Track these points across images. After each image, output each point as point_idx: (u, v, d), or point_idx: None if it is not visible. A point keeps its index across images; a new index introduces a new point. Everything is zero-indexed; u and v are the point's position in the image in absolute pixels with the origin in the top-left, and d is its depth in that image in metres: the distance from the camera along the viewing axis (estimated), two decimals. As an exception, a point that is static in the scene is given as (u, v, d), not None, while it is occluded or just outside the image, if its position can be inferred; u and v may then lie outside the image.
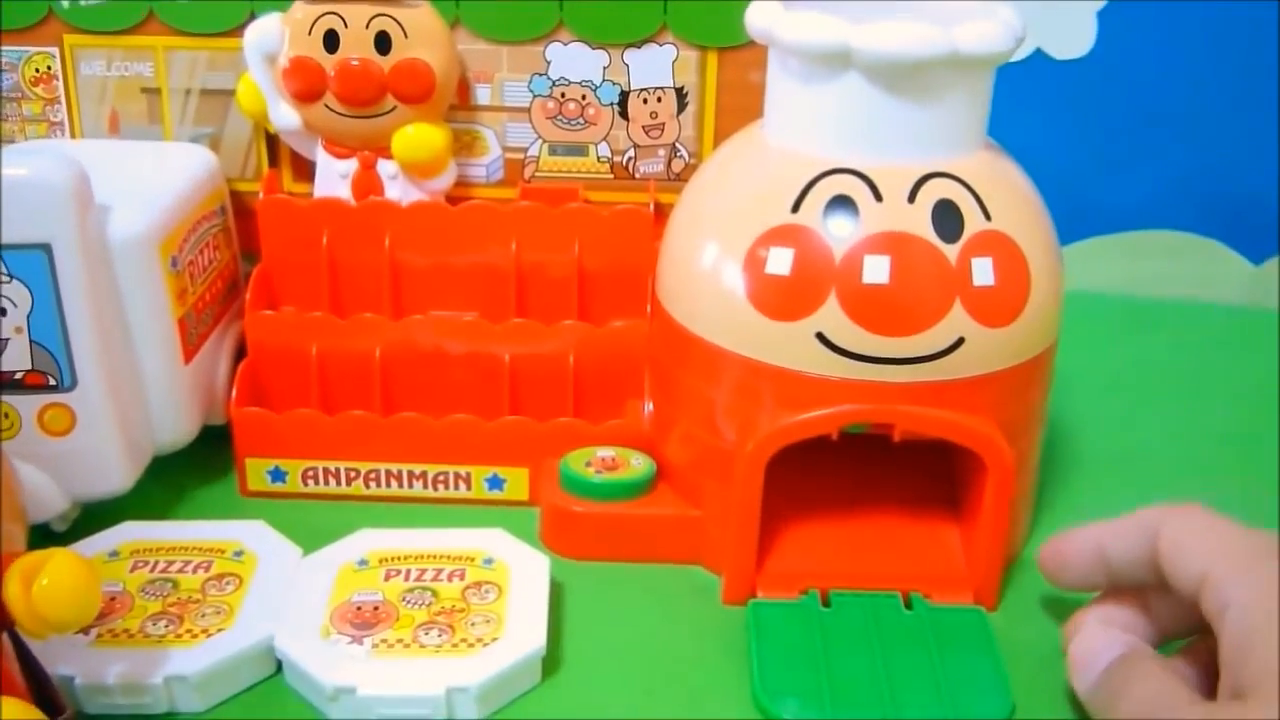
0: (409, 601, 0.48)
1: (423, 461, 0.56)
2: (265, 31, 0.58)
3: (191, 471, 0.58)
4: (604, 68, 0.61)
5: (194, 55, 0.61)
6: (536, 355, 0.57)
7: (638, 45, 0.60)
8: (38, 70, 0.62)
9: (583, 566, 0.53)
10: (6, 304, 0.48)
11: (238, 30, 0.59)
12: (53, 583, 0.37)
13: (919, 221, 0.46)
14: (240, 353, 0.59)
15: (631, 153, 0.62)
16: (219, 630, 0.46)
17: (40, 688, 0.39)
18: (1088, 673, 0.43)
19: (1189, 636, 0.44)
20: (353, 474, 0.57)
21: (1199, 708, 0.39)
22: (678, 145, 0.62)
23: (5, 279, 0.48)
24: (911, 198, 0.46)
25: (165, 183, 0.55)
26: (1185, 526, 0.42)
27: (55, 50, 0.61)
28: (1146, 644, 0.44)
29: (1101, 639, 0.44)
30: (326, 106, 0.58)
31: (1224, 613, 0.39)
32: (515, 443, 0.56)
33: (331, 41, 0.57)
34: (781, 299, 0.47)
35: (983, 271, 0.46)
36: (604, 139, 0.62)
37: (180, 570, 0.49)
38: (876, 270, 0.46)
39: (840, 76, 0.46)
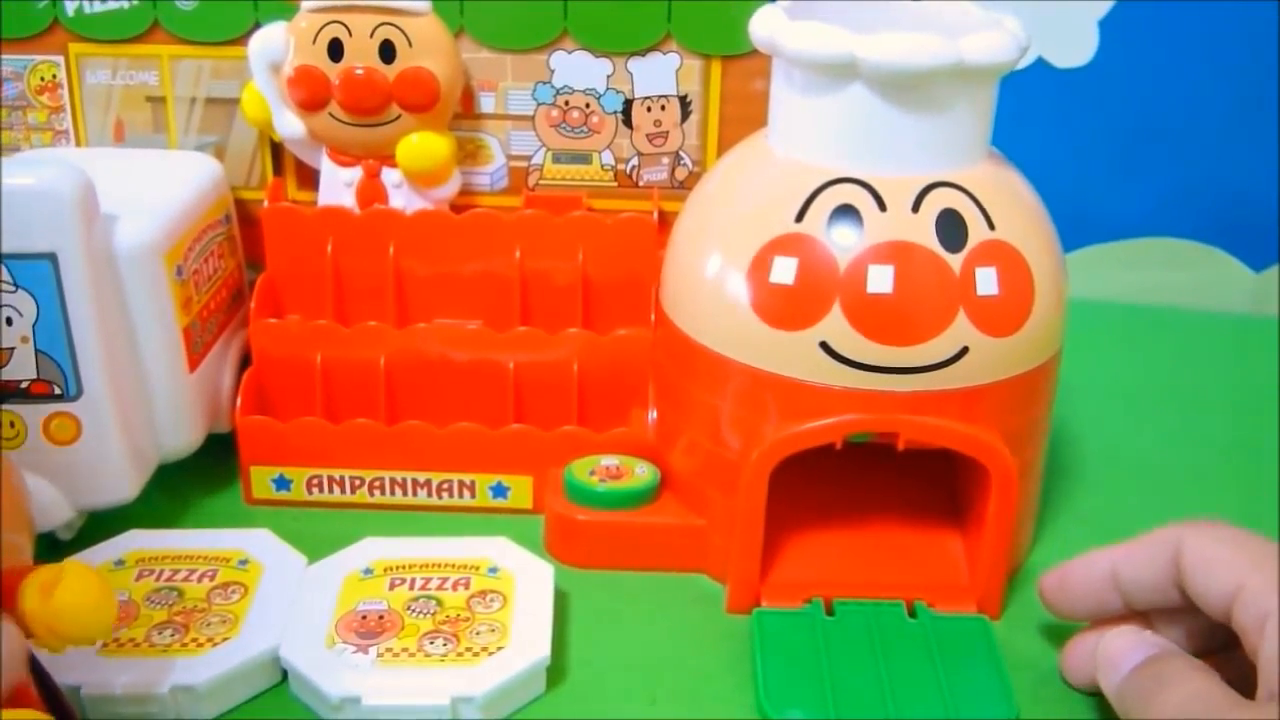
0: (414, 610, 0.48)
1: (427, 470, 0.56)
2: (270, 40, 0.58)
3: (196, 480, 0.58)
4: (608, 76, 0.61)
5: (199, 64, 0.61)
6: (541, 363, 0.57)
7: (642, 54, 0.60)
8: (43, 79, 0.62)
9: (587, 575, 0.53)
10: (12, 313, 0.48)
11: (242, 39, 0.59)
12: (71, 597, 0.37)
13: (923, 231, 0.46)
14: (245, 361, 0.59)
15: (635, 161, 0.62)
16: (224, 639, 0.46)
17: (51, 698, 0.39)
18: (1117, 671, 0.42)
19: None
20: (357, 482, 0.57)
21: (1244, 709, 0.38)
22: (681, 154, 0.62)
23: (10, 288, 0.48)
24: (915, 207, 0.47)
25: (170, 192, 0.55)
26: (1210, 540, 0.42)
27: (60, 59, 0.61)
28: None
29: (1131, 638, 0.43)
30: (331, 115, 0.58)
31: (1265, 621, 0.39)
32: (520, 451, 0.56)
33: (336, 50, 0.57)
34: (786, 308, 0.47)
35: (986, 281, 0.46)
36: (608, 147, 0.62)
37: (185, 579, 0.49)
38: (880, 280, 0.46)
39: (845, 87, 0.46)
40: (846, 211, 0.47)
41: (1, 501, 0.38)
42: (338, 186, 0.60)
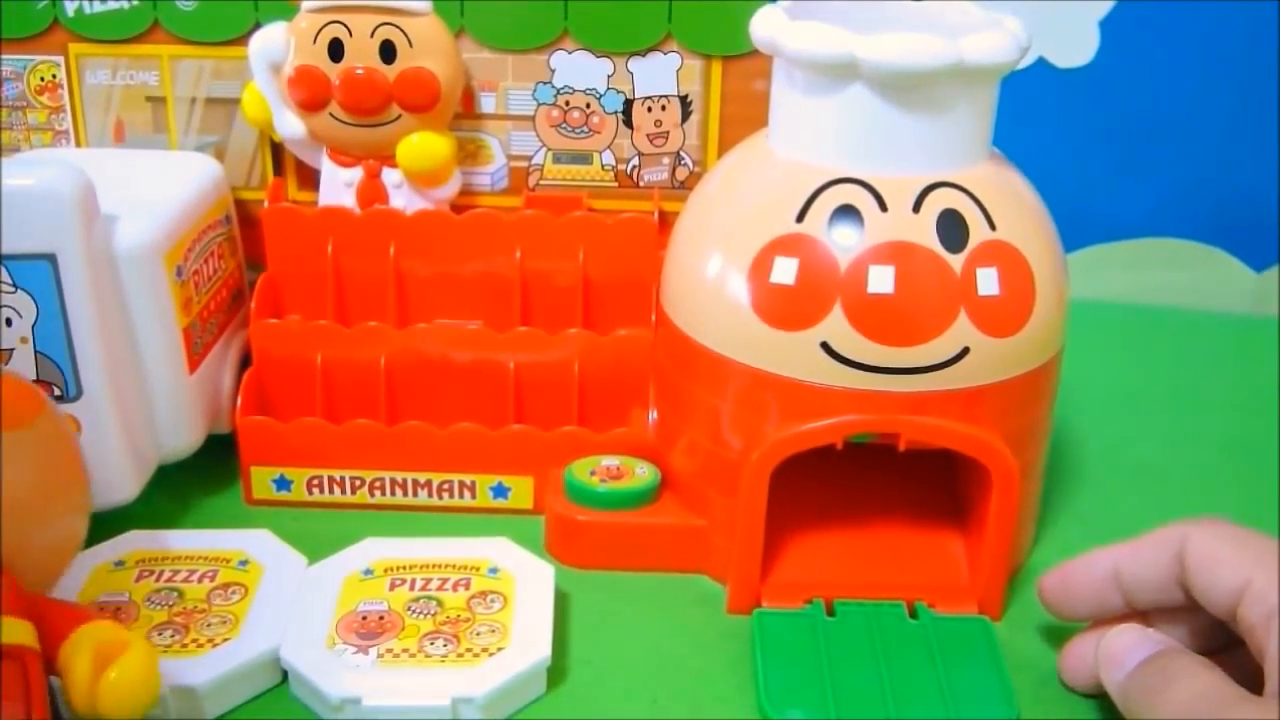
0: (414, 611, 0.48)
1: (428, 470, 0.56)
2: (270, 40, 0.58)
3: (196, 481, 0.58)
4: (608, 76, 0.61)
5: (199, 64, 0.61)
6: (541, 364, 0.57)
7: (642, 54, 0.60)
8: (43, 79, 0.62)
9: (588, 576, 0.53)
10: (11, 314, 0.48)
11: (243, 39, 0.59)
12: (123, 680, 0.37)
13: (924, 231, 0.46)
14: (245, 362, 0.59)
15: (636, 161, 0.62)
16: (224, 640, 0.46)
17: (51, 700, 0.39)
18: (1120, 668, 0.42)
19: None
20: (358, 483, 0.57)
21: (1251, 705, 0.38)
22: (682, 154, 0.62)
23: (10, 289, 0.48)
24: (916, 207, 0.46)
25: (170, 192, 0.55)
26: (1214, 538, 0.42)
27: (60, 59, 0.61)
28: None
29: (1135, 635, 0.43)
30: (331, 115, 0.58)
31: (1271, 618, 0.39)
32: (520, 451, 0.56)
33: (336, 50, 0.57)
34: (786, 308, 0.47)
35: (988, 281, 0.46)
36: (608, 147, 0.62)
37: (185, 580, 0.49)
38: (881, 280, 0.46)
39: (845, 87, 0.46)
40: (847, 212, 0.47)
41: (58, 483, 0.37)
42: (338, 187, 0.60)
